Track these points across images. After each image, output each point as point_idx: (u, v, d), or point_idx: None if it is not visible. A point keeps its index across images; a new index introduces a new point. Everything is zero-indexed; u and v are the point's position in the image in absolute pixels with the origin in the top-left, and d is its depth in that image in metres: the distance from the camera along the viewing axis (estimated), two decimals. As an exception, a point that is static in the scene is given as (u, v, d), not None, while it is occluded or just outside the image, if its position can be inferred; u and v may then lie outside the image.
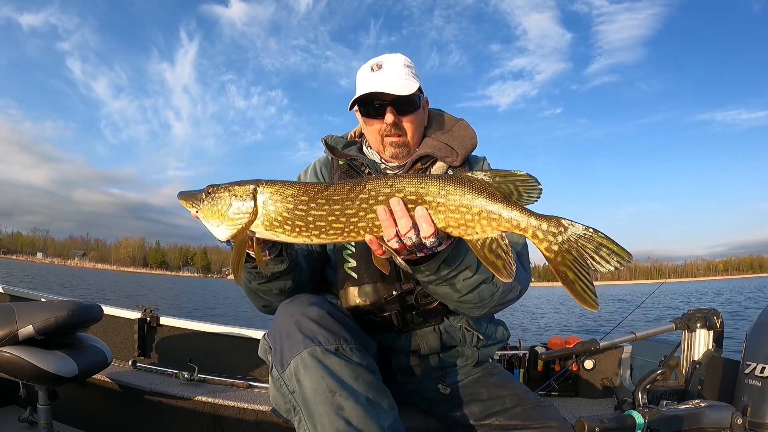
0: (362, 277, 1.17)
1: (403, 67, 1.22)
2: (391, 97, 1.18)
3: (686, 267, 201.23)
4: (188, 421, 2.25)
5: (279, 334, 0.97)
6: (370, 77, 1.20)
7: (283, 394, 0.94)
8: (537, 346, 2.64)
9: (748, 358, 1.55)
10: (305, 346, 0.92)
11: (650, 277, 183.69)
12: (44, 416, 1.93)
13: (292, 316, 0.97)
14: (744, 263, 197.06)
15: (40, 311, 1.84)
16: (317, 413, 0.89)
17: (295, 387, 0.92)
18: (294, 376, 0.92)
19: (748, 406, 1.46)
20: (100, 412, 2.41)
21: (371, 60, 1.24)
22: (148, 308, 2.76)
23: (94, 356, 2.00)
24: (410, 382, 1.25)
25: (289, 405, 0.94)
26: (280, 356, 0.95)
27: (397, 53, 1.26)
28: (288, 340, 0.95)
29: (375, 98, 1.19)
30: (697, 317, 1.98)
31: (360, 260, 1.18)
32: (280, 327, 0.97)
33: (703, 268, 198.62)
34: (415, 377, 1.24)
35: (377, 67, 1.21)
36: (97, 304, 2.12)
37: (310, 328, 0.95)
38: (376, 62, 1.22)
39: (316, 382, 0.90)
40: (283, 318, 0.99)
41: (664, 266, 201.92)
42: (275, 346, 0.97)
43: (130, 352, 2.69)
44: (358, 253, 1.19)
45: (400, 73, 1.20)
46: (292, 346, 0.93)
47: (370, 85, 1.19)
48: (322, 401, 0.89)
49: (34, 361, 1.78)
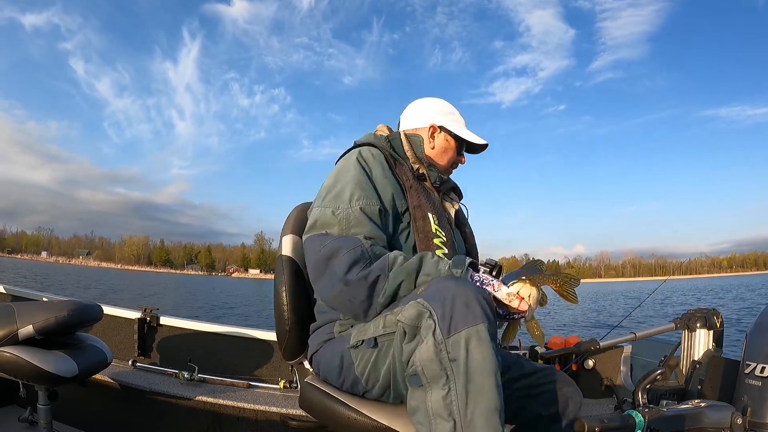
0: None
1: None
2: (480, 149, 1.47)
3: (690, 264, 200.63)
4: (188, 420, 2.25)
5: (452, 301, 0.96)
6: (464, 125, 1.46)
7: (441, 359, 0.93)
8: (537, 346, 2.63)
9: (748, 358, 1.54)
10: (482, 321, 0.94)
11: (654, 274, 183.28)
12: (44, 416, 1.93)
13: (472, 290, 0.98)
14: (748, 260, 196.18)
15: (40, 311, 1.84)
16: (479, 386, 0.91)
17: (459, 355, 0.92)
18: (464, 345, 0.92)
19: (748, 406, 1.46)
20: (100, 412, 2.42)
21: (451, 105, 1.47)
22: (148, 308, 2.77)
23: (94, 356, 2.00)
24: None
25: (442, 372, 0.93)
26: (449, 322, 0.94)
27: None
28: (465, 309, 0.95)
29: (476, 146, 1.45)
30: (697, 317, 1.97)
31: (450, 248, 1.27)
32: (456, 295, 0.97)
33: (707, 265, 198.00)
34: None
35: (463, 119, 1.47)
36: (97, 304, 2.12)
37: (485, 306, 0.97)
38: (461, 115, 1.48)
39: (486, 356, 0.92)
40: (458, 288, 0.98)
41: (668, 263, 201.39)
42: (444, 312, 0.95)
43: (130, 352, 2.70)
44: (448, 242, 1.28)
45: None
46: (469, 316, 0.94)
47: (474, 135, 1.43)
48: (487, 376, 0.92)
49: (34, 361, 1.78)
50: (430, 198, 1.33)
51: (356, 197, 1.21)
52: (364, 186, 1.23)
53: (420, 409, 0.96)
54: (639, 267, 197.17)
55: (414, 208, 1.27)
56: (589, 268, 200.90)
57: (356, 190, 1.22)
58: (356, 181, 1.23)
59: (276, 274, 1.41)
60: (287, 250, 1.40)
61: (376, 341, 1.10)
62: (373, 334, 1.10)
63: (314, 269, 1.18)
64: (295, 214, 1.45)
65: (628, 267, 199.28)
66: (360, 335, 1.14)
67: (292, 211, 1.47)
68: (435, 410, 0.93)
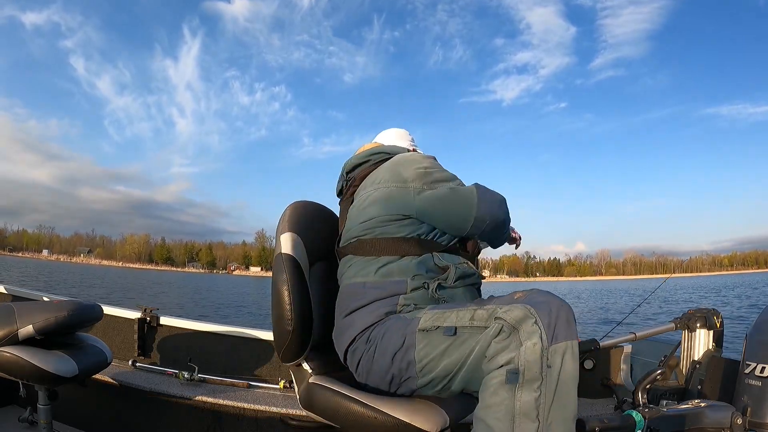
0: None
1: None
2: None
3: (691, 262, 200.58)
4: (188, 420, 2.26)
5: (558, 315, 1.07)
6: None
7: (543, 362, 1.02)
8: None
9: (748, 358, 1.54)
10: (576, 338, 1.07)
11: (655, 272, 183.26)
12: (44, 416, 1.94)
13: (570, 309, 1.10)
14: (749, 258, 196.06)
15: (40, 311, 1.84)
16: (566, 395, 1.02)
17: (555, 363, 1.03)
18: (562, 354, 1.03)
19: (748, 406, 1.45)
20: (100, 412, 2.42)
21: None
22: (148, 308, 2.77)
23: (94, 356, 2.00)
24: None
25: (539, 375, 1.02)
26: (554, 331, 1.05)
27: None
28: (566, 324, 1.06)
29: None
30: (697, 317, 1.97)
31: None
32: (560, 309, 1.08)
33: (708, 264, 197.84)
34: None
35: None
36: (97, 304, 2.12)
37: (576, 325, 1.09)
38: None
39: (575, 370, 1.04)
40: (562, 305, 1.10)
41: (669, 261, 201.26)
42: (549, 321, 1.05)
43: (130, 352, 2.70)
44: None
45: None
46: (569, 330, 1.06)
47: None
48: (573, 387, 1.03)
49: (34, 361, 1.78)
50: None
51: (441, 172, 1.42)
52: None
53: (503, 406, 1.02)
54: (640, 265, 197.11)
55: None
56: (590, 266, 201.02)
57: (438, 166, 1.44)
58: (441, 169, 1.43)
59: (275, 272, 1.36)
60: (287, 247, 1.36)
61: (456, 331, 1.13)
62: (456, 323, 1.14)
63: (481, 199, 1.35)
64: (290, 211, 1.44)
65: (629, 265, 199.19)
66: (436, 321, 1.17)
67: (286, 209, 1.45)
68: (523, 410, 1.00)
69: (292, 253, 1.36)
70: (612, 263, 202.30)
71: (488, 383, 1.05)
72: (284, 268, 1.33)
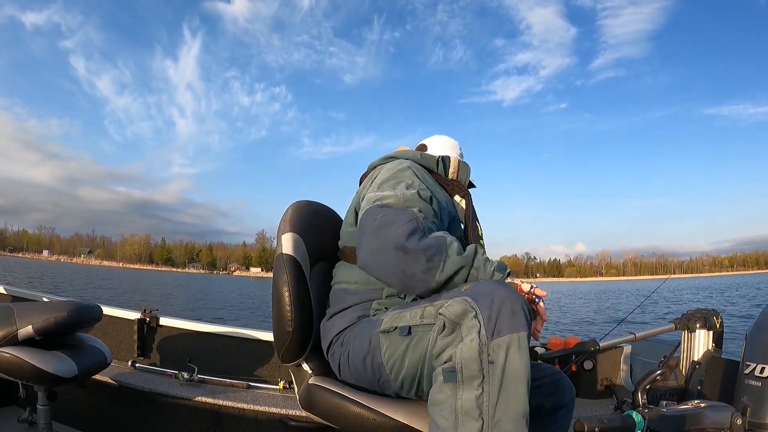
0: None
1: None
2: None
3: (691, 263, 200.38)
4: (188, 421, 2.26)
5: (500, 306, 0.99)
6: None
7: (482, 359, 0.96)
8: (536, 346, 2.63)
9: (747, 358, 1.54)
10: (524, 329, 0.98)
11: (655, 273, 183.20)
12: (44, 417, 1.94)
13: (518, 298, 1.02)
14: (749, 259, 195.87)
15: (39, 311, 1.84)
16: (512, 392, 0.95)
17: (498, 358, 0.95)
18: (504, 349, 0.96)
19: (747, 407, 1.45)
20: (100, 413, 2.42)
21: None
22: (147, 308, 2.77)
23: (94, 356, 2.00)
24: None
25: (479, 372, 0.96)
26: (495, 324, 0.97)
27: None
28: (511, 314, 0.98)
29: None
30: (696, 317, 1.97)
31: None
32: (504, 299, 1.00)
33: (709, 264, 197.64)
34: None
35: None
36: (96, 305, 2.12)
37: (527, 315, 1.00)
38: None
39: (524, 365, 0.96)
40: (507, 293, 1.01)
41: (669, 262, 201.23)
42: (490, 314, 0.98)
43: (130, 353, 2.70)
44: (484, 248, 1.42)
45: None
46: (514, 321, 0.97)
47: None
48: (521, 383, 0.95)
49: (34, 362, 1.78)
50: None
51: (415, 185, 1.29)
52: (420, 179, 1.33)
53: (447, 404, 0.97)
54: (640, 266, 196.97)
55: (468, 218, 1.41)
56: (590, 267, 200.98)
57: (414, 179, 1.31)
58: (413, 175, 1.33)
59: (276, 273, 1.35)
60: (288, 248, 1.35)
61: (410, 330, 1.10)
62: (409, 322, 1.11)
63: (370, 237, 1.16)
64: (291, 211, 1.42)
65: (629, 265, 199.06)
66: (394, 321, 1.14)
67: (288, 208, 1.44)
68: (465, 408, 0.95)
69: (293, 254, 1.34)
70: (612, 264, 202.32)
71: (434, 381, 1.01)
72: (285, 269, 1.32)
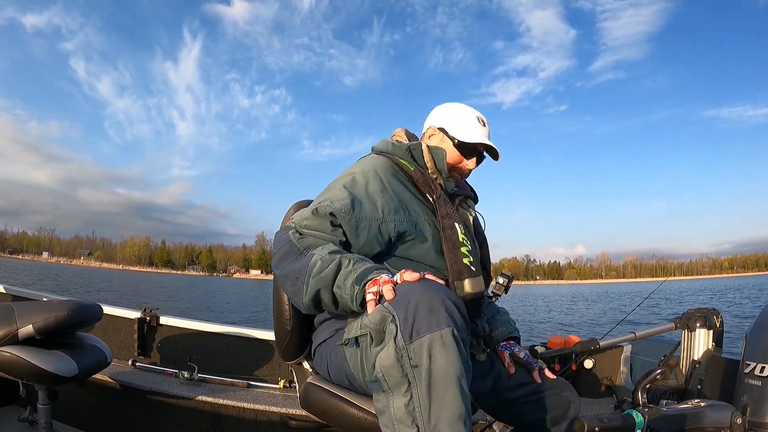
0: (477, 270, 1.29)
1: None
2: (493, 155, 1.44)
3: (691, 265, 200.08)
4: (188, 420, 2.25)
5: (417, 306, 0.93)
6: (480, 129, 1.41)
7: (403, 365, 0.91)
8: (537, 346, 2.63)
9: (748, 357, 1.53)
10: (447, 325, 0.91)
11: (655, 275, 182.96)
12: (44, 416, 1.93)
13: (437, 293, 0.95)
14: (749, 261, 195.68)
15: (39, 311, 1.84)
16: (443, 393, 0.89)
17: (421, 361, 0.89)
18: (426, 350, 0.89)
19: (747, 406, 1.45)
20: (100, 412, 2.42)
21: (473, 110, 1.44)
22: (148, 308, 2.78)
23: (94, 356, 2.00)
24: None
25: (404, 378, 0.91)
26: (412, 327, 0.91)
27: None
28: (429, 313, 0.91)
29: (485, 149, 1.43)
30: (696, 317, 1.97)
31: (474, 257, 1.31)
32: (421, 299, 0.93)
33: (708, 266, 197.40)
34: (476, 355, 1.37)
35: (482, 122, 1.43)
36: (97, 304, 2.12)
37: (452, 310, 0.94)
38: (480, 117, 1.44)
39: (451, 363, 0.89)
40: (424, 292, 0.95)
41: (669, 264, 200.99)
42: (406, 316, 0.92)
43: (130, 352, 2.70)
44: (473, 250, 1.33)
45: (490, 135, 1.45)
46: (432, 320, 0.91)
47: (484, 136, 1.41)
48: (452, 383, 0.89)
49: (34, 361, 1.78)
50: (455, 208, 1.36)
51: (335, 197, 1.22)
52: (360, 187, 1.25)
53: (385, 413, 0.95)
54: (640, 268, 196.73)
55: (443, 218, 1.30)
56: (590, 269, 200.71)
57: (341, 192, 1.23)
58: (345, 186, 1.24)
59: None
60: None
61: (357, 341, 1.08)
62: (354, 333, 1.08)
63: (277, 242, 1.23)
64: (292, 212, 1.43)
65: (629, 268, 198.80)
66: (347, 333, 1.13)
67: (289, 209, 1.45)
68: (398, 416, 0.92)
69: None
70: (612, 266, 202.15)
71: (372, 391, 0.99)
72: None
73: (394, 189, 1.29)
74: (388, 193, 1.27)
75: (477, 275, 1.28)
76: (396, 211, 1.26)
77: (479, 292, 1.28)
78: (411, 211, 1.29)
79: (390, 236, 1.25)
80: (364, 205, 1.22)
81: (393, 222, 1.25)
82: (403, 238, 1.27)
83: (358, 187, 1.25)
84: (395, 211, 1.26)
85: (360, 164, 1.33)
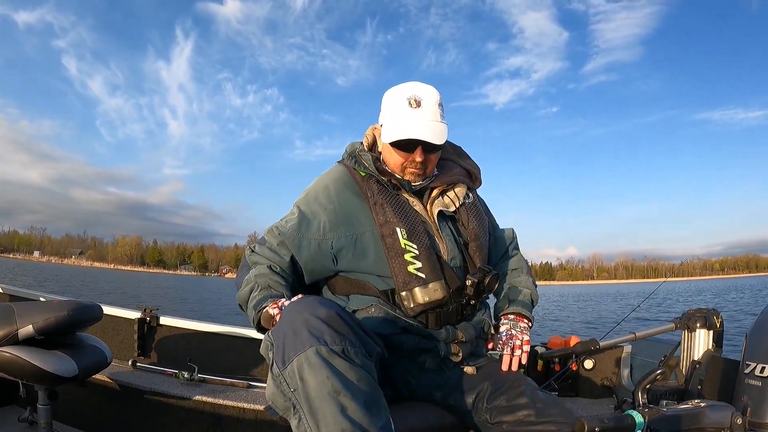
0: (428, 276, 1.22)
1: (437, 106, 1.26)
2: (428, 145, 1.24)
3: (683, 267, 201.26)
4: (188, 420, 2.25)
5: (284, 331, 0.95)
6: (409, 114, 1.24)
7: (283, 391, 0.93)
8: (537, 346, 2.65)
9: (748, 357, 1.54)
10: (311, 345, 0.91)
11: (647, 277, 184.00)
12: (44, 416, 1.93)
13: (300, 314, 0.96)
14: (740, 262, 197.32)
15: (39, 311, 1.84)
16: (321, 412, 0.88)
17: (297, 385, 0.91)
18: (297, 374, 0.90)
19: (747, 406, 1.45)
20: (100, 412, 2.41)
21: (409, 89, 1.27)
22: (148, 308, 2.77)
23: (94, 356, 2.00)
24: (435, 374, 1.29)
25: (288, 403, 0.93)
26: (282, 353, 0.93)
27: (431, 88, 1.28)
28: (294, 337, 0.93)
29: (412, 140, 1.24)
30: (696, 317, 1.98)
31: (425, 259, 1.23)
32: (286, 324, 0.96)
33: (700, 268, 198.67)
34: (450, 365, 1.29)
35: (416, 103, 1.24)
36: (96, 304, 2.12)
37: (318, 327, 0.93)
38: (414, 96, 1.25)
39: (321, 381, 0.89)
40: (290, 315, 0.97)
41: (661, 265, 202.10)
42: (278, 343, 0.95)
43: (130, 352, 2.69)
44: (422, 253, 1.23)
45: (435, 113, 1.25)
46: (297, 343, 0.92)
47: (409, 125, 1.23)
48: (327, 400, 0.88)
49: (34, 361, 1.78)
50: (402, 210, 1.26)
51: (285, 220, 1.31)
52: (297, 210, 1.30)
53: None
54: (631, 269, 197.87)
55: (380, 226, 1.24)
56: (581, 270, 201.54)
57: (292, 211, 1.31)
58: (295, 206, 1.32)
59: None
60: None
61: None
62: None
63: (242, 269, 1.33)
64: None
65: (620, 269, 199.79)
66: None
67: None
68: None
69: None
70: (604, 267, 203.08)
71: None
72: None
73: (343, 202, 1.27)
74: (332, 207, 1.26)
75: (430, 281, 1.22)
76: (336, 227, 1.25)
77: (437, 299, 1.22)
78: (356, 223, 1.25)
79: (331, 252, 1.25)
80: (311, 224, 1.27)
81: (331, 239, 1.25)
82: (343, 253, 1.26)
83: (308, 204, 1.29)
84: (335, 227, 1.25)
85: (318, 178, 1.36)
